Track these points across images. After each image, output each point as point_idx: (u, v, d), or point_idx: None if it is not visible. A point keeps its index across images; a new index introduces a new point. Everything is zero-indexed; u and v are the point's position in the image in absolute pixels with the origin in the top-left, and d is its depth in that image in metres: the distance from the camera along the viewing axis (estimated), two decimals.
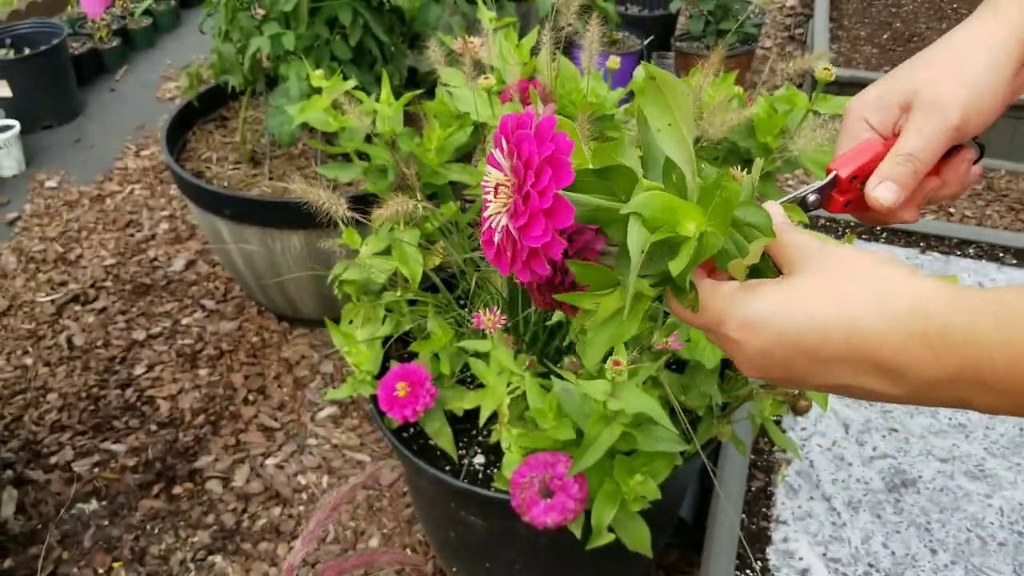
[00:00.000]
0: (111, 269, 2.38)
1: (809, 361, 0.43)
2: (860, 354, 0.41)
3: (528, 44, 1.32)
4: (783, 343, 0.43)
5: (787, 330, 0.43)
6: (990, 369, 0.38)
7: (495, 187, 0.46)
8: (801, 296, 0.43)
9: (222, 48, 1.86)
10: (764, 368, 0.45)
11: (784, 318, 0.43)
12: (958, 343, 0.39)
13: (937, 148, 0.55)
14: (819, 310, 0.42)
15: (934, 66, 0.56)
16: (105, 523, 1.71)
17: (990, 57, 0.55)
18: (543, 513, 1.07)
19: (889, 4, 3.34)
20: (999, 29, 0.55)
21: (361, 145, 1.34)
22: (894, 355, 0.40)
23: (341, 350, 1.31)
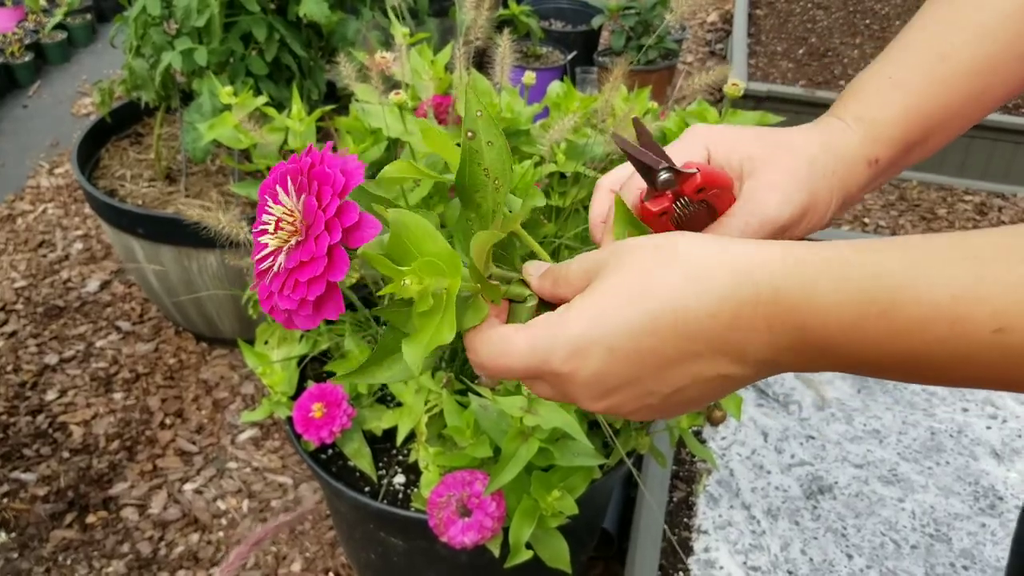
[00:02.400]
0: (22, 291, 2.30)
1: (654, 367, 0.39)
2: (697, 341, 0.38)
3: (443, 60, 1.32)
4: (618, 357, 0.39)
5: (616, 341, 0.39)
6: (825, 335, 0.35)
7: (276, 222, 0.42)
8: (615, 301, 0.39)
9: (133, 63, 1.81)
10: (609, 393, 0.41)
11: (608, 329, 0.39)
12: (790, 307, 0.36)
13: (758, 235, 0.50)
14: (639, 308, 0.38)
15: (772, 153, 0.51)
16: (14, 556, 1.64)
17: (840, 168, 0.52)
18: (461, 532, 1.06)
19: (805, 20, 3.43)
20: (841, 146, 0.53)
21: (274, 161, 1.32)
22: (729, 332, 0.37)
23: (255, 371, 1.28)
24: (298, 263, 0.40)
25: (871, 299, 0.34)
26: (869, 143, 0.53)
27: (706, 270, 0.38)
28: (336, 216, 0.40)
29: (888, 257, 0.35)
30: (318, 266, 0.39)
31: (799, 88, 2.82)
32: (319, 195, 0.40)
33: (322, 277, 0.40)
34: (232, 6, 1.71)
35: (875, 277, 0.34)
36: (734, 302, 0.37)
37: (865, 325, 0.34)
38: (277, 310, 0.42)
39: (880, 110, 0.53)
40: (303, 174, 0.41)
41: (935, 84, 0.53)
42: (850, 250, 0.36)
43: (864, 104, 0.54)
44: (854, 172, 0.53)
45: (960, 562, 1.39)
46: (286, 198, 0.42)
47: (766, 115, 1.25)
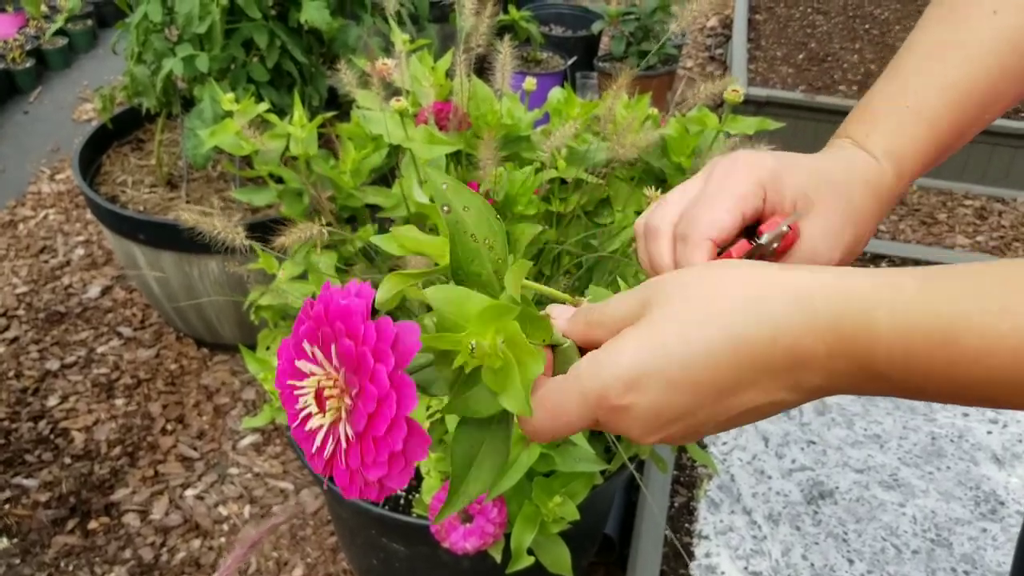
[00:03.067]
0: (23, 297, 2.30)
1: (708, 398, 0.38)
2: (754, 370, 0.37)
3: (443, 66, 1.32)
4: (677, 388, 0.38)
5: (674, 373, 0.38)
6: (887, 361, 0.35)
7: (318, 394, 0.39)
8: (670, 330, 0.38)
9: (135, 70, 1.82)
10: (665, 426, 0.40)
11: (666, 359, 0.38)
12: (850, 334, 0.35)
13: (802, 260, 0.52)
14: (695, 336, 0.38)
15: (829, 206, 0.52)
16: (16, 562, 1.65)
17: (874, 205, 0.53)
18: (462, 538, 1.06)
19: (805, 25, 3.43)
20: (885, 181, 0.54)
21: (275, 168, 1.32)
22: (788, 359, 0.37)
23: (257, 377, 1.28)
24: (367, 418, 0.37)
25: (931, 328, 0.34)
26: (898, 180, 0.54)
27: (765, 294, 0.38)
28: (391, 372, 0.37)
29: (947, 286, 0.35)
30: (389, 407, 0.36)
31: (799, 93, 2.83)
32: (374, 377, 0.36)
33: (398, 416, 0.36)
34: (233, 12, 1.72)
35: (934, 305, 0.34)
36: (793, 328, 0.37)
37: (925, 355, 0.34)
38: (368, 486, 0.38)
39: (909, 145, 0.54)
40: (344, 342, 0.37)
41: (949, 109, 0.54)
42: (908, 277, 0.36)
43: (890, 138, 0.55)
44: (886, 208, 0.55)
45: (961, 567, 1.39)
46: (321, 361, 0.39)
47: (765, 121, 1.25)
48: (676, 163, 1.25)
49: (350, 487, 0.39)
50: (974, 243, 2.48)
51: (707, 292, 0.39)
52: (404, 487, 0.38)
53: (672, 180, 1.26)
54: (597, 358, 0.40)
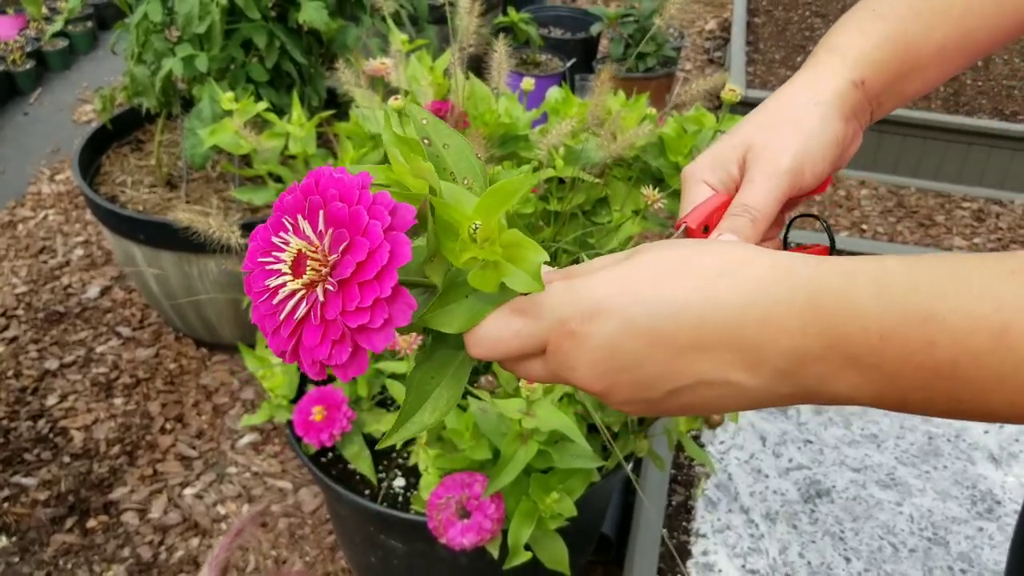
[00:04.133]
0: (23, 297, 2.30)
1: (663, 353, 0.37)
2: (718, 334, 0.36)
3: (441, 65, 1.33)
4: (634, 332, 0.37)
5: (636, 315, 0.37)
6: (863, 341, 0.33)
7: (296, 259, 0.37)
8: (647, 276, 0.38)
9: (135, 70, 1.82)
10: (611, 372, 0.38)
11: (633, 296, 0.37)
12: (829, 309, 0.34)
13: (773, 196, 0.52)
14: (670, 288, 0.37)
15: (764, 121, 0.55)
16: (15, 560, 1.65)
17: (817, 109, 0.54)
18: (460, 534, 1.06)
19: (803, 28, 3.44)
20: (825, 81, 0.55)
21: (274, 167, 1.33)
22: (758, 330, 0.35)
23: (256, 374, 1.29)
24: (355, 266, 0.35)
25: (912, 305, 0.33)
26: (851, 65, 0.55)
27: (745, 261, 0.37)
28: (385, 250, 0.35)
29: (931, 268, 0.34)
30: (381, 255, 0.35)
31: None
32: (367, 231, 0.35)
33: (389, 265, 0.35)
34: (233, 13, 1.72)
35: (916, 286, 0.33)
36: (771, 298, 0.35)
37: (905, 332, 0.33)
38: (341, 342, 0.36)
39: (860, 35, 0.56)
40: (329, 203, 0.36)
41: (918, 19, 0.55)
42: (891, 260, 0.35)
43: (842, 34, 0.57)
44: (842, 95, 0.55)
45: (958, 566, 1.39)
46: (308, 232, 0.37)
47: None
48: (674, 162, 1.26)
49: (318, 349, 0.36)
50: (971, 245, 2.49)
51: (691, 253, 0.38)
52: (378, 351, 0.35)
53: (670, 179, 1.27)
54: (568, 282, 0.39)
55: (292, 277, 0.37)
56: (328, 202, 0.36)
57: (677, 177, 1.25)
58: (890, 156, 2.73)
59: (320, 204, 0.36)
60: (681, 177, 0.56)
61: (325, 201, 0.36)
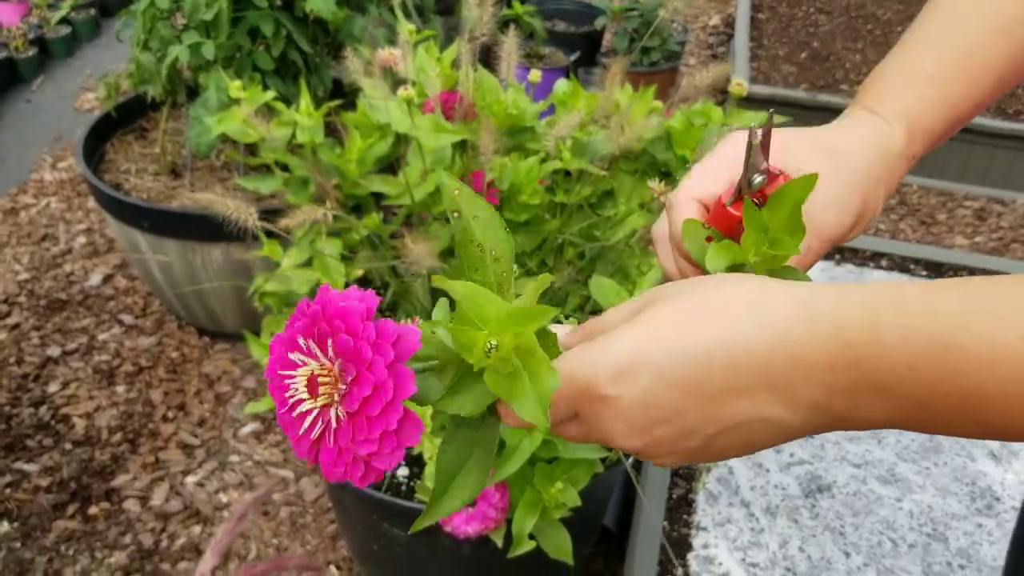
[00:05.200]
0: (25, 284, 2.30)
1: (699, 400, 0.37)
2: (751, 375, 0.36)
3: (449, 56, 1.33)
4: (665, 384, 0.37)
5: (665, 367, 0.37)
6: (889, 371, 0.34)
7: (310, 381, 0.39)
8: (667, 327, 0.38)
9: (141, 57, 1.82)
10: (650, 427, 0.38)
11: (658, 353, 0.37)
12: (854, 343, 0.34)
13: (815, 261, 0.50)
14: (693, 334, 0.37)
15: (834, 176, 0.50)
16: (17, 545, 1.65)
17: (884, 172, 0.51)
18: (465, 523, 1.07)
19: (807, 24, 3.44)
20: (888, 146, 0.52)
21: (281, 156, 1.33)
22: (787, 368, 0.35)
23: (261, 362, 1.29)
24: (361, 400, 0.37)
25: (933, 333, 0.33)
26: (908, 140, 0.52)
27: (767, 299, 0.37)
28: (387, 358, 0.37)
29: (951, 295, 0.34)
30: (386, 392, 0.37)
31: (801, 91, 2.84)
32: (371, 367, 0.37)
33: (394, 400, 0.37)
34: (240, 1, 1.72)
35: (937, 314, 0.33)
36: (794, 334, 0.35)
37: (930, 363, 0.33)
38: (355, 463, 0.38)
39: (919, 105, 0.53)
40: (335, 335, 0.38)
41: (965, 77, 0.53)
42: (910, 288, 0.35)
43: (902, 100, 0.53)
44: (897, 171, 0.52)
45: (957, 561, 1.40)
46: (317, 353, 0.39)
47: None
48: (680, 156, 1.26)
49: (334, 467, 0.39)
50: (973, 243, 2.50)
51: (707, 295, 0.38)
52: (391, 470, 0.37)
53: (676, 173, 1.27)
54: (589, 346, 0.39)
55: (308, 396, 0.39)
56: (334, 332, 0.38)
57: (684, 170, 1.26)
58: None
59: (328, 333, 0.38)
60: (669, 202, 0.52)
61: (332, 331, 0.38)
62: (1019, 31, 0.54)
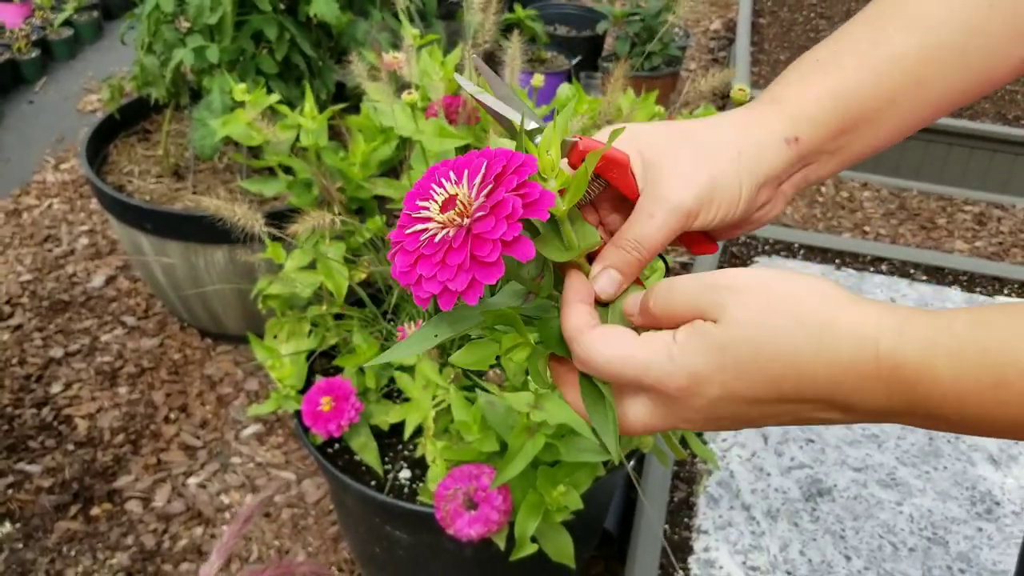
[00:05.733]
0: (27, 285, 2.31)
1: (765, 408, 0.42)
2: (816, 398, 0.40)
3: (453, 61, 1.33)
4: (735, 399, 0.42)
5: (736, 387, 0.41)
6: (940, 405, 0.37)
7: (445, 201, 0.43)
8: (738, 354, 0.41)
9: (145, 60, 1.83)
10: (713, 420, 0.43)
11: (729, 376, 0.41)
12: (911, 380, 0.38)
13: (666, 236, 0.48)
14: (763, 367, 0.40)
15: (674, 138, 0.50)
16: (19, 546, 1.66)
17: (737, 158, 0.50)
18: (467, 525, 1.07)
19: (808, 29, 3.45)
20: (756, 131, 0.50)
21: (285, 159, 1.34)
22: (848, 395, 0.39)
23: (264, 364, 1.29)
24: (489, 209, 0.41)
25: (982, 371, 0.36)
26: (786, 121, 0.51)
27: (830, 332, 0.39)
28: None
29: (996, 327, 0.36)
30: (510, 204, 0.41)
31: None
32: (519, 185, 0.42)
33: (515, 216, 0.41)
34: (244, 5, 1.73)
35: (986, 350, 0.36)
36: (856, 370, 0.39)
37: (977, 397, 0.36)
38: (461, 272, 0.41)
39: (800, 88, 0.52)
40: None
41: (864, 68, 0.51)
42: (961, 324, 0.37)
43: (784, 85, 0.53)
44: (768, 151, 0.50)
45: (957, 565, 1.40)
46: (462, 185, 0.43)
47: None
48: None
49: (433, 281, 0.42)
50: (973, 248, 2.50)
51: (776, 318, 0.40)
52: (493, 282, 0.41)
53: None
54: (671, 347, 0.42)
55: (441, 214, 0.43)
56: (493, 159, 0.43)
57: None
58: (892, 158, 2.74)
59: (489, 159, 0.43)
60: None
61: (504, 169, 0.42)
62: (932, 36, 0.52)
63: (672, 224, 0.48)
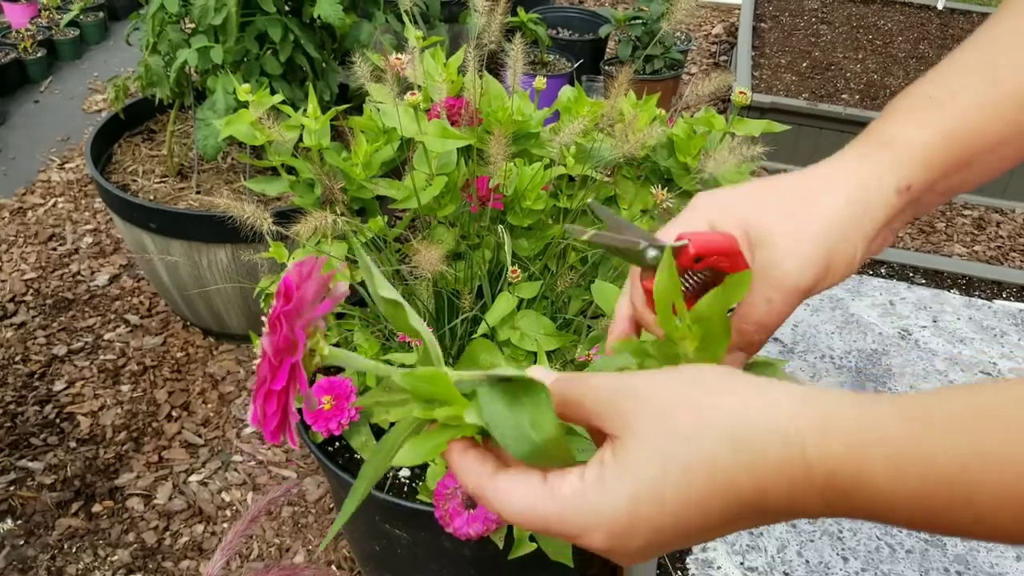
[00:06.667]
0: (32, 283, 2.32)
1: (699, 532, 0.38)
2: (748, 514, 0.36)
3: (456, 63, 1.34)
4: (665, 534, 0.37)
5: (662, 523, 0.37)
6: (890, 515, 0.34)
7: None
8: (653, 476, 0.36)
9: (149, 60, 1.84)
10: (648, 554, 0.39)
11: (651, 510, 0.36)
12: (846, 489, 0.34)
13: (786, 316, 0.46)
14: (685, 486, 0.36)
15: (784, 206, 0.47)
16: (21, 543, 1.67)
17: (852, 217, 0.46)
18: (466, 524, 1.08)
19: (808, 34, 3.46)
20: (869, 182, 0.47)
21: (288, 159, 1.35)
22: (784, 506, 0.35)
23: None
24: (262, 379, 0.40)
25: (932, 489, 0.32)
26: (897, 168, 0.47)
27: (754, 439, 0.35)
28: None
29: (943, 433, 0.32)
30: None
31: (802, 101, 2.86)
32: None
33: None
34: (248, 6, 1.74)
35: (932, 462, 0.32)
36: (786, 478, 0.35)
37: (931, 515, 0.33)
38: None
39: (915, 130, 0.48)
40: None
41: (983, 108, 0.48)
42: (894, 422, 0.33)
43: (894, 122, 0.49)
44: (881, 204, 0.47)
45: (954, 567, 1.41)
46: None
47: (771, 123, 1.28)
48: (683, 163, 1.28)
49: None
50: (971, 252, 2.51)
51: (689, 426, 0.36)
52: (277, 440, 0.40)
53: (678, 180, 1.29)
54: (583, 491, 0.38)
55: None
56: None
57: (686, 177, 1.27)
58: None
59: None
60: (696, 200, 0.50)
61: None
62: None
63: (792, 304, 0.46)
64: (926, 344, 1.72)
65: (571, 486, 0.38)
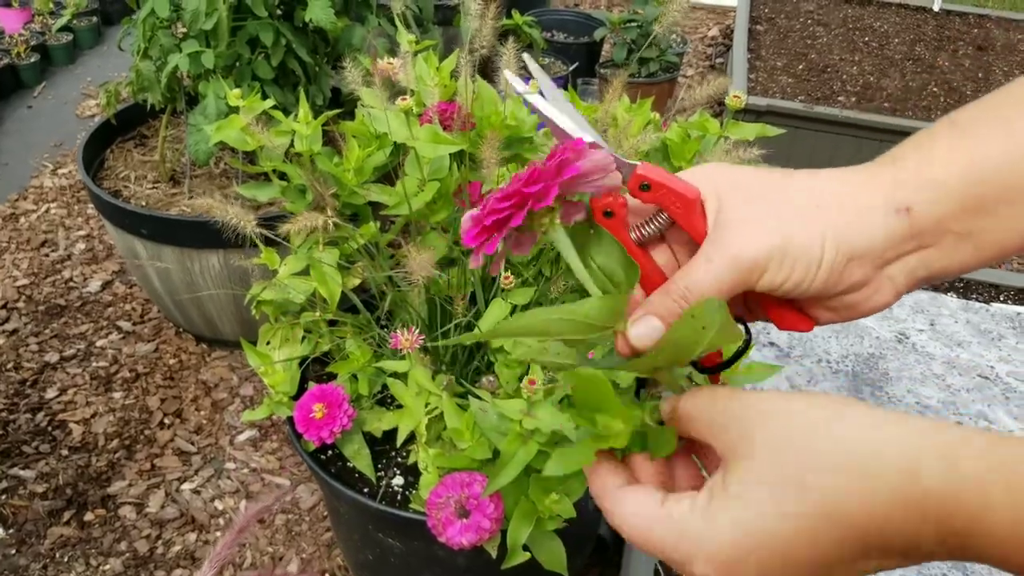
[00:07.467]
0: (24, 290, 2.31)
1: (810, 568, 0.36)
2: (863, 551, 0.35)
3: (448, 67, 1.33)
4: (774, 569, 0.36)
5: (770, 558, 0.36)
6: (1000, 558, 0.32)
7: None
8: (765, 507, 0.36)
9: (140, 65, 1.83)
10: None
11: (761, 541, 0.36)
12: (963, 528, 0.32)
13: (723, 289, 0.42)
14: (797, 518, 0.35)
15: (758, 185, 0.44)
16: (12, 552, 1.65)
17: (846, 212, 0.43)
18: (459, 533, 1.07)
19: (805, 36, 3.45)
20: (861, 192, 0.43)
21: (279, 164, 1.33)
22: (896, 538, 0.34)
23: (257, 371, 1.29)
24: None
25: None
26: (899, 185, 0.43)
27: (869, 468, 0.34)
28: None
29: None
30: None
31: (798, 103, 2.85)
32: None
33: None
34: (240, 10, 1.73)
35: None
36: (903, 512, 0.33)
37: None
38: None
39: (926, 150, 0.43)
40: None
41: (1011, 136, 0.42)
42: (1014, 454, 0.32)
43: (907, 144, 0.45)
44: (870, 219, 0.42)
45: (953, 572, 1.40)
46: None
47: (765, 127, 1.27)
48: (677, 167, 1.27)
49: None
50: None
51: (804, 455, 0.36)
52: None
53: None
54: (693, 520, 0.38)
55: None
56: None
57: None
58: None
59: None
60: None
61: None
62: None
63: (731, 276, 0.42)
64: (923, 347, 1.71)
65: (681, 511, 0.38)
